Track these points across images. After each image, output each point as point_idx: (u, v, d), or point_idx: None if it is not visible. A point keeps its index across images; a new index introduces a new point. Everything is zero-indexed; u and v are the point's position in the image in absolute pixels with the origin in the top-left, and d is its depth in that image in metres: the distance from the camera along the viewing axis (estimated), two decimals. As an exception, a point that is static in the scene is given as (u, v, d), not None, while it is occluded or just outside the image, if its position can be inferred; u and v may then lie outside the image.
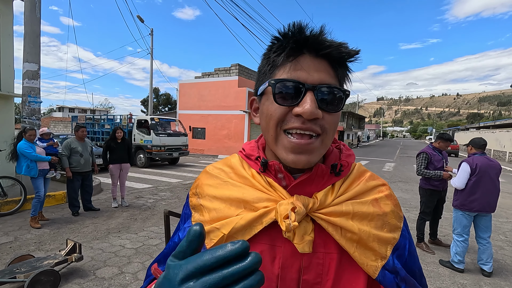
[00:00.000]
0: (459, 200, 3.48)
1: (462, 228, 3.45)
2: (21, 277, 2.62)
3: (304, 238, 0.51)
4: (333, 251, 0.53)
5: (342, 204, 0.54)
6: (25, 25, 5.70)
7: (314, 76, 0.49)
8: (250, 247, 0.53)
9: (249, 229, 0.53)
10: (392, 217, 0.57)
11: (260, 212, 0.53)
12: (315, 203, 0.52)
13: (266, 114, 0.54)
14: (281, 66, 0.52)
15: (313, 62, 0.50)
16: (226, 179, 0.61)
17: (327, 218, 0.52)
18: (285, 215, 0.50)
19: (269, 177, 0.57)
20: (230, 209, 0.56)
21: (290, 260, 0.52)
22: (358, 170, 0.62)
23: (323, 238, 0.53)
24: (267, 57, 0.55)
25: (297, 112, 0.49)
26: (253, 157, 0.61)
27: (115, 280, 3.02)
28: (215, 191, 0.60)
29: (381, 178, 0.63)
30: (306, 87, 0.49)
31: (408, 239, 0.59)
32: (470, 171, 3.42)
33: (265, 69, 0.55)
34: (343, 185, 0.57)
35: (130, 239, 4.15)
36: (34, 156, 4.42)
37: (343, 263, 0.53)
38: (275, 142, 0.53)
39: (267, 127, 0.54)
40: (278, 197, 0.54)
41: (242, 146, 0.66)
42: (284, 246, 0.53)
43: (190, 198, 0.64)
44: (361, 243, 0.52)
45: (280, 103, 0.50)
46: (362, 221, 0.54)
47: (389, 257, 0.54)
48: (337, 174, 0.56)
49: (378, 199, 0.57)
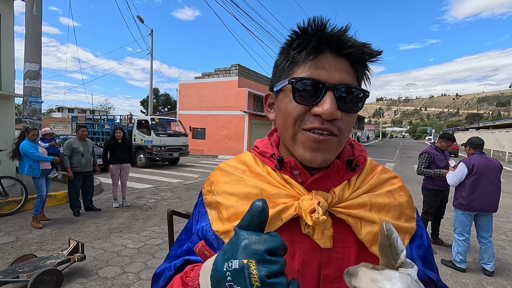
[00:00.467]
0: (459, 199, 3.51)
1: (463, 228, 3.47)
2: (24, 276, 2.61)
3: (324, 234, 0.51)
4: (351, 245, 0.53)
5: (359, 197, 0.55)
6: (26, 25, 5.69)
7: (335, 75, 0.49)
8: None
9: (269, 226, 0.53)
10: (407, 207, 0.58)
11: (279, 208, 0.53)
12: (334, 198, 0.53)
13: (284, 112, 0.53)
14: (301, 63, 0.51)
15: (334, 61, 0.50)
16: (241, 175, 0.60)
17: (346, 211, 0.53)
18: (310, 209, 0.50)
19: (285, 174, 0.57)
20: (248, 205, 0.56)
21: (309, 255, 0.52)
22: (370, 164, 0.62)
23: (341, 232, 0.54)
24: (286, 52, 0.54)
25: (316, 112, 0.49)
26: (268, 155, 0.60)
27: (118, 280, 3.02)
28: (231, 188, 0.59)
29: (393, 172, 0.64)
30: (326, 87, 0.48)
31: (424, 229, 0.60)
32: (467, 171, 3.45)
33: (284, 65, 0.54)
34: (358, 180, 0.58)
35: (131, 239, 4.15)
36: (36, 156, 4.42)
37: (361, 256, 0.53)
38: (292, 139, 0.53)
39: (285, 124, 0.54)
40: (296, 193, 0.55)
41: (254, 144, 0.66)
42: (303, 242, 0.53)
43: (204, 196, 0.63)
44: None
45: (299, 102, 0.50)
46: (380, 212, 0.55)
47: (406, 246, 0.55)
48: (352, 170, 0.57)
49: (392, 191, 0.58)
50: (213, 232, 0.56)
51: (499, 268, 3.57)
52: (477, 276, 3.34)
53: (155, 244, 3.97)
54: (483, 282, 3.21)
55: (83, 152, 5.17)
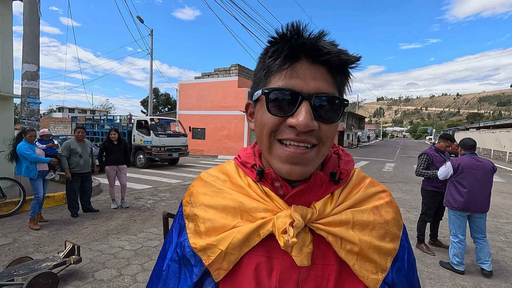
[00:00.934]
0: (447, 197, 3.62)
1: (456, 229, 3.50)
2: (19, 279, 2.60)
3: (302, 250, 0.49)
4: (332, 262, 0.51)
5: (341, 213, 0.52)
6: (24, 26, 5.68)
7: (310, 84, 0.47)
8: (246, 260, 0.52)
9: (247, 242, 0.51)
10: (393, 225, 0.55)
11: (257, 224, 0.51)
12: (314, 213, 0.51)
13: (260, 122, 0.51)
14: (276, 72, 0.49)
15: (309, 69, 0.47)
16: (221, 187, 0.59)
17: (327, 228, 0.51)
18: (283, 229, 0.48)
19: (265, 186, 0.55)
20: (226, 219, 0.54)
21: (288, 272, 0.50)
22: (358, 176, 0.60)
23: (322, 249, 0.52)
24: (263, 61, 0.52)
25: (291, 124, 0.47)
26: (249, 165, 0.58)
27: (114, 282, 3.00)
28: (210, 199, 0.57)
29: (381, 184, 0.62)
30: (301, 97, 0.46)
31: (407, 249, 0.57)
32: (452, 171, 3.53)
33: (260, 74, 0.52)
34: (342, 193, 0.55)
35: (129, 240, 4.13)
36: (33, 157, 4.40)
37: (342, 275, 0.51)
38: (268, 151, 0.51)
39: (261, 136, 0.52)
40: (275, 207, 0.53)
41: (238, 153, 0.64)
42: (281, 258, 0.51)
43: (184, 207, 0.61)
44: (361, 254, 0.51)
45: (273, 113, 0.48)
46: (363, 231, 0.52)
47: (389, 269, 0.52)
48: (336, 183, 0.54)
49: (378, 207, 0.55)
50: (191, 248, 0.55)
51: (498, 270, 3.54)
52: (476, 279, 3.32)
53: (153, 246, 3.95)
54: (482, 285, 3.18)
55: (81, 153, 5.15)
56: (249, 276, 0.51)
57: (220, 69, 20.17)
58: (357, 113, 46.60)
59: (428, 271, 3.47)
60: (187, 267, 0.55)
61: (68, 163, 5.03)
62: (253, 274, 0.51)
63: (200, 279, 0.53)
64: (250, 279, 0.51)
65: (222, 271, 0.52)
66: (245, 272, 0.51)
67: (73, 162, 5.08)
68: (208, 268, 0.53)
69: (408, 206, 6.49)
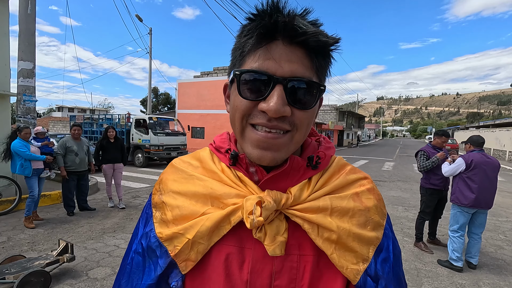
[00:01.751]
0: (456, 194, 3.55)
1: (459, 226, 3.49)
2: (10, 278, 2.56)
3: (276, 239, 0.46)
4: (308, 253, 0.48)
5: (319, 199, 0.49)
6: (19, 23, 5.64)
7: (284, 67, 0.43)
8: (216, 250, 0.48)
9: (217, 230, 0.48)
10: (375, 213, 0.52)
11: (228, 210, 0.48)
12: (289, 198, 0.47)
13: (232, 106, 0.48)
14: (250, 53, 0.45)
15: (285, 50, 0.43)
16: (192, 173, 0.55)
17: (302, 214, 0.47)
18: (251, 210, 0.44)
19: (239, 171, 0.52)
20: (195, 205, 0.51)
21: (260, 263, 0.47)
22: (338, 163, 0.56)
23: (297, 238, 0.48)
24: (239, 40, 0.48)
25: (262, 109, 0.44)
26: (223, 150, 0.55)
27: (108, 281, 2.96)
28: (179, 186, 0.54)
29: (363, 172, 0.58)
30: (274, 80, 0.43)
31: (391, 239, 0.53)
32: (464, 167, 3.48)
33: (236, 53, 0.48)
34: (320, 179, 0.52)
35: (125, 239, 4.09)
36: (28, 155, 4.37)
37: (320, 266, 0.48)
38: (240, 135, 0.48)
39: (233, 119, 0.49)
40: (248, 193, 0.49)
41: (213, 138, 0.61)
42: (254, 248, 0.48)
43: (152, 195, 0.58)
44: (340, 243, 0.47)
45: (244, 97, 0.45)
46: (342, 218, 0.49)
47: (371, 259, 0.49)
48: (314, 167, 0.51)
49: (359, 193, 0.52)
50: (156, 238, 0.51)
51: (497, 268, 3.51)
52: (474, 277, 3.28)
53: (148, 244, 3.92)
54: (480, 283, 3.15)
55: (77, 151, 5.11)
56: (218, 268, 0.47)
57: (220, 68, 20.13)
58: (357, 113, 46.58)
59: (426, 270, 3.43)
60: (152, 259, 0.51)
61: (64, 162, 4.99)
62: (222, 265, 0.47)
63: (166, 271, 0.50)
64: (220, 271, 0.47)
65: (189, 262, 0.49)
66: (214, 263, 0.48)
67: (69, 160, 5.04)
68: (174, 259, 0.49)
69: (407, 205, 6.45)
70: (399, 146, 36.61)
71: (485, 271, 3.43)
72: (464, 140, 4.42)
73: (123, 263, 0.57)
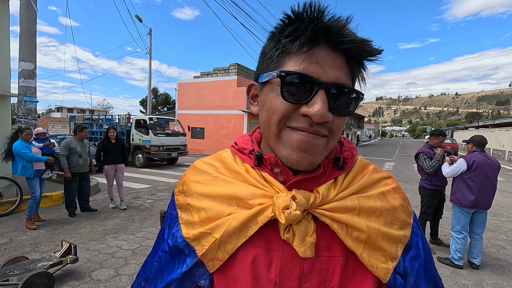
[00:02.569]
0: (456, 195, 3.56)
1: (461, 226, 3.51)
2: (14, 279, 2.55)
3: (305, 240, 0.45)
4: (337, 254, 0.48)
5: (346, 199, 0.49)
6: (20, 24, 5.63)
7: (329, 72, 0.43)
8: (243, 251, 0.48)
9: (244, 230, 0.48)
10: (401, 211, 0.52)
11: (255, 210, 0.48)
12: (317, 197, 0.47)
13: (268, 107, 0.47)
14: (293, 55, 0.45)
15: (329, 56, 0.43)
16: (216, 174, 0.55)
17: (331, 214, 0.47)
18: (284, 206, 0.44)
19: (264, 171, 0.51)
20: (221, 207, 0.51)
21: (289, 265, 0.47)
22: (361, 163, 0.56)
23: (326, 239, 0.48)
24: (277, 39, 0.47)
25: (305, 113, 0.43)
26: (247, 151, 0.55)
27: (111, 282, 2.96)
28: (203, 188, 0.54)
29: (386, 171, 0.58)
30: (319, 85, 0.43)
31: (420, 236, 0.54)
32: (466, 167, 3.48)
33: (273, 53, 0.47)
34: (346, 179, 0.52)
35: (127, 240, 4.09)
36: (30, 156, 4.35)
37: (349, 267, 0.48)
38: (276, 138, 0.47)
39: (268, 121, 0.47)
40: (274, 193, 0.49)
41: (234, 140, 0.60)
42: (282, 250, 0.47)
43: (176, 196, 0.58)
44: (369, 242, 0.47)
45: (287, 99, 0.44)
46: (370, 217, 0.49)
47: (399, 258, 0.49)
48: (340, 168, 0.51)
49: (385, 192, 0.52)
50: (183, 238, 0.52)
51: (500, 269, 3.52)
52: (477, 277, 3.29)
53: (151, 246, 3.91)
54: (483, 284, 3.15)
55: (81, 152, 5.11)
56: (246, 270, 0.47)
57: (219, 68, 20.11)
58: (356, 113, 46.60)
59: (429, 270, 3.43)
60: (181, 257, 0.52)
61: (68, 163, 4.98)
62: (249, 267, 0.47)
63: (192, 270, 0.50)
64: (247, 272, 0.47)
65: (216, 261, 0.49)
66: (241, 265, 0.48)
67: (73, 161, 5.02)
68: (202, 258, 0.50)
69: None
70: (398, 146, 36.65)
71: (488, 271, 3.43)
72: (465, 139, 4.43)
73: (149, 260, 0.58)
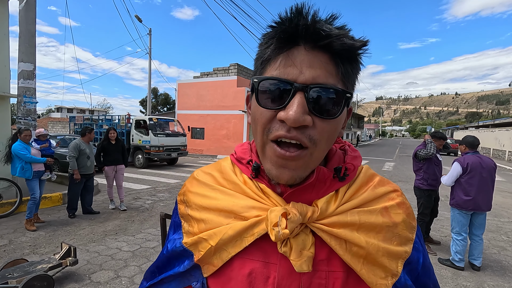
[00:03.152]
0: (455, 199, 3.54)
1: (461, 227, 3.50)
2: (13, 282, 2.54)
3: (302, 254, 0.44)
4: (337, 269, 0.46)
5: (347, 213, 0.47)
6: (20, 24, 5.62)
7: (306, 73, 0.41)
8: (240, 263, 0.47)
9: (240, 240, 0.47)
10: (403, 228, 0.50)
11: (251, 222, 0.47)
12: (315, 211, 0.46)
13: (252, 117, 0.48)
14: (272, 60, 0.44)
15: (307, 56, 0.41)
16: (215, 186, 0.55)
17: (329, 229, 0.45)
18: (276, 222, 0.43)
19: (261, 183, 0.51)
20: (219, 219, 0.51)
21: (286, 280, 0.45)
22: (366, 174, 0.54)
23: (326, 254, 0.46)
24: (260, 48, 0.47)
25: (280, 117, 0.41)
26: (244, 161, 0.54)
27: (111, 285, 2.94)
28: (202, 200, 0.54)
29: (393, 183, 0.56)
30: (294, 87, 0.41)
31: (422, 252, 0.52)
32: (461, 171, 3.48)
33: (257, 63, 0.47)
34: (348, 191, 0.50)
35: (127, 241, 4.08)
36: (28, 157, 4.33)
37: (349, 283, 0.46)
38: (261, 151, 0.47)
39: (255, 132, 0.48)
40: (271, 205, 0.48)
41: (234, 149, 0.60)
42: (280, 264, 0.46)
43: (178, 205, 0.60)
44: (368, 258, 0.46)
45: (263, 106, 0.43)
46: (369, 233, 0.47)
47: (400, 274, 0.48)
48: (341, 179, 0.49)
49: (388, 208, 0.50)
50: (182, 244, 0.54)
51: (500, 270, 3.51)
52: (478, 279, 3.28)
53: (151, 247, 3.90)
54: (485, 285, 3.14)
55: (89, 154, 5.15)
56: (242, 283, 0.47)
57: (219, 69, 20.09)
58: (356, 113, 46.59)
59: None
60: (178, 259, 0.55)
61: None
62: (246, 280, 0.46)
63: (190, 271, 0.53)
64: (243, 285, 0.46)
65: (211, 266, 0.50)
66: (238, 278, 0.47)
67: (81, 163, 5.06)
68: (198, 263, 0.51)
69: (408, 206, 6.44)
70: (398, 146, 36.62)
71: (489, 273, 3.42)
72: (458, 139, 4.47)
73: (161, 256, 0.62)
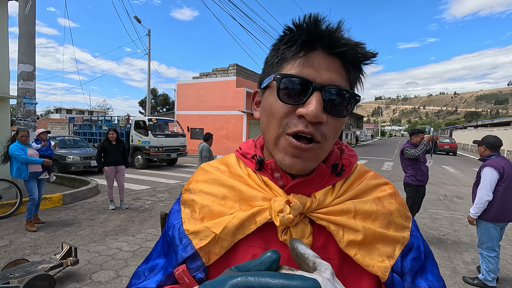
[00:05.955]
0: (491, 211, 2.96)
1: (494, 242, 3.01)
2: (14, 282, 2.55)
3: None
4: (333, 256, 0.49)
5: (343, 204, 0.51)
6: (19, 26, 5.63)
7: (323, 75, 0.46)
8: (242, 250, 0.50)
9: (242, 228, 0.50)
10: (398, 216, 0.53)
11: (253, 211, 0.50)
12: (313, 202, 0.49)
13: (268, 111, 0.50)
14: (290, 60, 0.48)
15: (325, 59, 0.46)
16: (220, 175, 0.59)
17: (327, 217, 0.49)
18: (280, 209, 0.47)
19: (264, 175, 0.54)
20: (224, 206, 0.54)
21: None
22: (360, 170, 0.59)
23: (322, 242, 0.50)
24: (277, 48, 0.51)
25: (300, 113, 0.45)
26: (249, 156, 0.58)
27: (112, 284, 2.96)
28: (209, 187, 0.58)
29: (384, 178, 0.60)
30: (313, 87, 0.45)
31: (421, 239, 0.55)
32: (498, 176, 2.95)
33: (273, 61, 0.51)
34: (343, 186, 0.54)
35: (127, 241, 4.09)
36: (23, 158, 4.30)
37: (344, 269, 0.49)
38: (274, 142, 0.50)
39: (269, 125, 0.50)
40: (273, 196, 0.52)
41: (239, 145, 0.64)
42: (280, 251, 0.49)
43: (182, 195, 0.62)
44: (365, 243, 0.49)
45: (284, 101, 0.46)
46: (366, 220, 0.50)
47: (397, 257, 0.50)
48: (338, 174, 0.53)
49: (381, 198, 0.54)
50: (183, 230, 0.55)
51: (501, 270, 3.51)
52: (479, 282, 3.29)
53: (151, 247, 3.91)
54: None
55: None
56: None
57: (218, 69, 20.10)
58: (355, 112, 46.67)
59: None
60: (174, 248, 0.55)
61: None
62: None
63: (187, 262, 0.53)
64: None
65: (213, 255, 0.51)
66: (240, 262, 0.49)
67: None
68: (198, 251, 0.52)
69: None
70: (397, 146, 36.67)
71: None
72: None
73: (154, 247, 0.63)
